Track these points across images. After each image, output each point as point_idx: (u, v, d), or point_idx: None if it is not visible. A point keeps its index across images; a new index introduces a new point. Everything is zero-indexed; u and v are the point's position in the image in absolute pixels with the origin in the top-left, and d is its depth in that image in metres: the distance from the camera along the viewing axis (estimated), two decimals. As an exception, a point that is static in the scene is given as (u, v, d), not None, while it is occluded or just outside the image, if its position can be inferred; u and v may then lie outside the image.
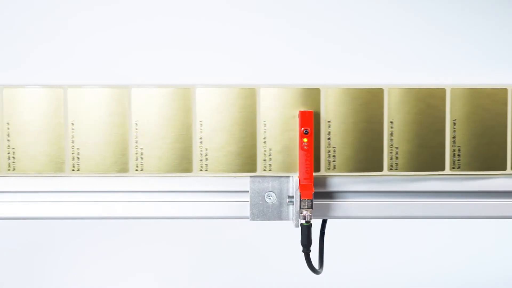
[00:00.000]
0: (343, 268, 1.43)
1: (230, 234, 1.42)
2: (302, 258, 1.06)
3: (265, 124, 1.05)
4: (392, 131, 1.06)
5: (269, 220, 1.07)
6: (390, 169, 1.06)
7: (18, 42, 1.05)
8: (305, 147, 1.04)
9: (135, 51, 1.06)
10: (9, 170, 1.06)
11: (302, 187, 1.03)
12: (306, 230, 1.05)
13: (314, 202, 1.04)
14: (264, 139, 1.06)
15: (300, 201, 1.03)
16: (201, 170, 1.06)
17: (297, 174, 1.05)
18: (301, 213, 1.03)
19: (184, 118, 1.05)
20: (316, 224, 1.07)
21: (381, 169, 1.06)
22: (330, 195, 1.07)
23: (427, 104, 1.05)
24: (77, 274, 1.45)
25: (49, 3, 1.05)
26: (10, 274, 1.44)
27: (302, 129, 1.03)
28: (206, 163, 1.06)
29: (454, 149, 1.06)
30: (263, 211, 1.07)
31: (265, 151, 1.06)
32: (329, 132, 1.06)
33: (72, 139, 1.05)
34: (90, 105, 1.05)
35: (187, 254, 1.45)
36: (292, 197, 1.06)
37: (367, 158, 1.06)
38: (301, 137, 1.04)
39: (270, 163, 1.06)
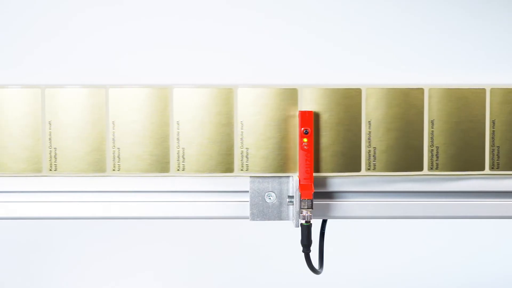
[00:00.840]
0: (343, 268, 1.43)
1: (230, 234, 1.42)
2: (302, 258, 1.06)
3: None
4: (494, 131, 1.06)
5: (269, 220, 1.07)
6: (492, 168, 1.07)
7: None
8: (305, 147, 1.04)
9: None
10: (113, 170, 1.06)
11: (302, 187, 1.03)
12: (306, 230, 1.05)
13: (314, 202, 1.04)
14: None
15: (300, 201, 1.03)
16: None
17: (297, 174, 1.05)
18: (301, 213, 1.03)
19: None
20: (316, 224, 1.07)
21: (482, 169, 1.07)
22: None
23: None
24: (85, 273, 1.45)
25: None
26: (24, 273, 1.45)
27: (302, 129, 1.03)
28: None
29: None
30: (263, 211, 1.07)
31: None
32: (432, 132, 1.06)
33: (178, 139, 1.06)
34: (195, 105, 1.05)
35: (187, 254, 1.45)
36: (292, 197, 1.06)
37: (470, 157, 1.07)
38: (301, 137, 1.04)
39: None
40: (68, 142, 1.05)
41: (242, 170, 1.06)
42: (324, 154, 1.06)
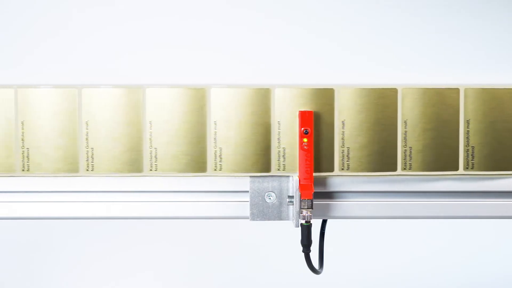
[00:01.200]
0: (343, 268, 1.43)
1: (230, 234, 1.42)
2: (302, 258, 1.06)
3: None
4: None
5: (269, 220, 1.07)
6: None
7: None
8: (305, 147, 1.04)
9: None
10: (151, 170, 1.06)
11: (302, 187, 1.03)
12: (306, 230, 1.05)
13: (313, 202, 1.04)
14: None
15: (300, 201, 1.03)
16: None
17: (297, 174, 1.05)
18: (301, 213, 1.03)
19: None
20: (316, 224, 1.07)
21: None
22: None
23: None
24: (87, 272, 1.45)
25: None
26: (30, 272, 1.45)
27: (302, 129, 1.03)
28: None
29: None
30: (263, 211, 1.07)
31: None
32: (468, 131, 1.06)
33: (215, 139, 1.06)
34: (233, 105, 1.06)
35: (186, 253, 1.45)
36: (292, 197, 1.06)
37: (504, 157, 1.07)
38: (301, 137, 1.04)
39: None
40: (104, 141, 1.05)
41: (279, 169, 1.06)
42: (359, 153, 1.06)
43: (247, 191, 1.07)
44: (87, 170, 1.06)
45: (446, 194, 1.08)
